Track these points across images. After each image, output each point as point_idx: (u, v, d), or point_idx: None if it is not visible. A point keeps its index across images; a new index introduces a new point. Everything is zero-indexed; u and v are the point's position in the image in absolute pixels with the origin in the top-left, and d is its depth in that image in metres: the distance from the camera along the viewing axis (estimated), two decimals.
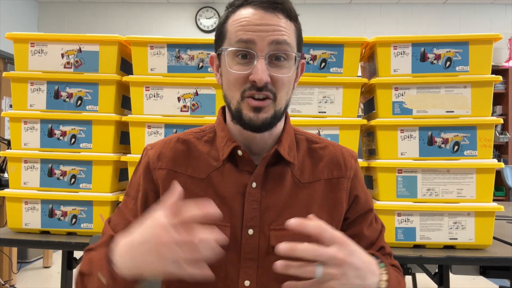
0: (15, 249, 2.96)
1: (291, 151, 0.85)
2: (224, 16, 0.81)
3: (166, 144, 0.86)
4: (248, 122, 0.77)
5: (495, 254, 1.34)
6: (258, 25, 0.75)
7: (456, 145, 1.41)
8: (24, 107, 1.51)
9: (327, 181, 0.85)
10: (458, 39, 1.41)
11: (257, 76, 0.73)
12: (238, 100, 0.77)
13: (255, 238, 0.79)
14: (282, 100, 0.78)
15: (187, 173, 0.83)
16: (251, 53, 0.75)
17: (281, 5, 0.77)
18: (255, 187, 0.81)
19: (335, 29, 4.91)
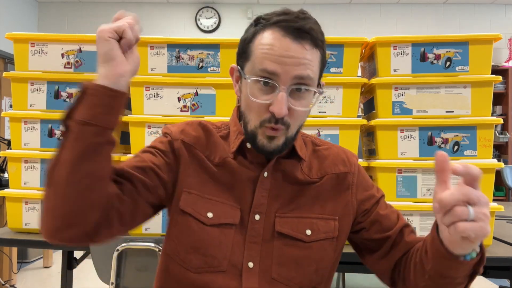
0: (15, 249, 2.96)
1: (302, 149, 0.89)
2: (252, 33, 0.81)
3: (188, 125, 0.90)
4: (261, 147, 0.80)
5: (495, 254, 1.34)
6: (284, 57, 0.75)
7: (456, 145, 1.41)
8: (24, 107, 1.51)
9: (334, 175, 0.89)
10: (458, 39, 1.41)
11: (278, 109, 0.75)
12: (256, 125, 0.80)
13: (260, 223, 0.83)
14: (294, 128, 0.81)
15: (205, 154, 0.86)
16: (274, 84, 0.76)
17: (309, 34, 0.77)
18: (267, 176, 0.85)
19: (335, 29, 4.91)
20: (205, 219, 0.82)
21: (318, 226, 0.84)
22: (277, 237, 0.83)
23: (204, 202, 0.83)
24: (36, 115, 1.50)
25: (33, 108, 1.51)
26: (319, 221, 0.85)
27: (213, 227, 0.82)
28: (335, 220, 0.86)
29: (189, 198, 0.84)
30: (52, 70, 1.51)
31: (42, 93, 1.51)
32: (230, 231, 0.82)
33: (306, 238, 0.83)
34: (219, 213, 0.82)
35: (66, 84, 1.50)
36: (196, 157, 0.86)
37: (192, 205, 0.83)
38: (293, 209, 0.85)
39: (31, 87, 1.51)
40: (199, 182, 0.85)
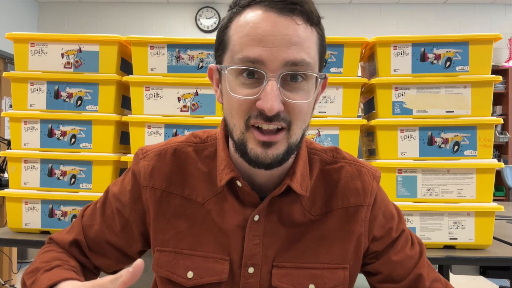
0: (15, 249, 2.95)
1: (304, 181, 0.70)
2: (227, 19, 0.64)
3: (161, 157, 0.73)
4: (254, 159, 0.62)
5: (495, 254, 1.34)
6: (269, 35, 0.58)
7: (456, 145, 1.41)
8: (24, 107, 1.51)
9: (342, 210, 0.72)
10: (458, 39, 1.41)
11: (267, 104, 0.57)
12: (242, 130, 0.62)
13: (255, 277, 0.69)
14: (298, 130, 0.63)
15: (184, 194, 0.71)
16: (259, 73, 0.59)
17: (299, 6, 0.60)
18: (258, 220, 0.69)
19: (335, 29, 4.91)
20: (184, 280, 0.68)
21: (323, 279, 0.69)
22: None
23: (182, 259, 0.69)
24: (36, 115, 1.49)
25: (33, 108, 1.51)
26: (325, 272, 0.69)
27: None
28: (345, 270, 0.70)
29: (163, 258, 0.70)
30: (52, 70, 1.50)
31: (42, 93, 1.50)
32: None
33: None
34: (201, 271, 0.68)
35: (66, 84, 1.50)
36: (172, 204, 0.71)
37: (166, 266, 0.69)
38: (293, 256, 0.69)
39: (31, 87, 1.51)
40: (175, 234, 0.70)
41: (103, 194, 0.80)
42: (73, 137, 1.49)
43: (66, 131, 1.49)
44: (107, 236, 0.76)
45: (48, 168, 1.49)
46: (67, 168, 1.49)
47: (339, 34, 1.45)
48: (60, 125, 1.49)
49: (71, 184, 1.48)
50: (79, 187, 1.48)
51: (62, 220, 1.48)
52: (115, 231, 0.75)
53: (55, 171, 1.49)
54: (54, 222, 1.48)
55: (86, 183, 1.48)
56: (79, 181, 1.48)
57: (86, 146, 1.49)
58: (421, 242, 0.79)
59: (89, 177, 1.48)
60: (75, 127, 1.49)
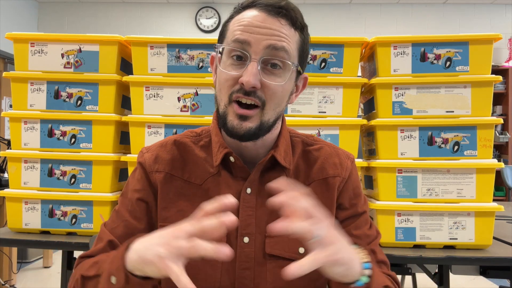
0: (15, 249, 2.96)
1: (287, 156, 0.82)
2: (229, 16, 0.79)
3: (162, 147, 0.84)
4: (230, 129, 0.74)
5: (495, 254, 1.34)
6: (257, 27, 0.72)
7: (456, 145, 1.41)
8: (24, 107, 1.51)
9: (321, 181, 0.82)
10: (458, 39, 1.41)
11: (245, 78, 0.70)
12: (226, 103, 0.74)
13: (251, 246, 0.76)
14: (271, 110, 0.74)
15: (184, 177, 0.81)
16: (245, 54, 0.72)
17: (285, 11, 0.74)
18: (250, 193, 0.78)
19: (335, 29, 4.91)
20: None
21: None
22: (269, 260, 0.76)
23: None
24: (36, 115, 1.49)
25: (33, 108, 1.51)
26: None
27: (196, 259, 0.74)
28: None
29: None
30: (52, 70, 1.50)
31: (42, 93, 1.51)
32: (216, 261, 0.74)
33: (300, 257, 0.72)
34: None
35: (66, 84, 1.50)
36: (174, 185, 0.80)
37: None
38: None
39: (31, 87, 1.51)
40: (177, 212, 0.78)
41: (120, 197, 0.86)
42: (73, 137, 1.49)
43: (66, 131, 1.49)
44: (137, 225, 0.80)
45: (48, 168, 1.49)
46: (67, 168, 1.49)
47: (339, 34, 1.46)
48: (60, 125, 1.50)
49: (71, 184, 1.48)
50: (79, 187, 1.48)
51: (62, 220, 1.48)
52: (141, 217, 0.81)
53: (55, 171, 1.49)
54: (54, 222, 1.48)
55: (86, 183, 1.48)
56: (79, 181, 1.48)
57: (86, 146, 1.49)
58: (378, 230, 0.87)
59: (89, 177, 1.48)
60: (75, 127, 1.49)
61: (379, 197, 1.43)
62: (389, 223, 1.40)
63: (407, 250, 1.39)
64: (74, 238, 1.45)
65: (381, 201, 1.42)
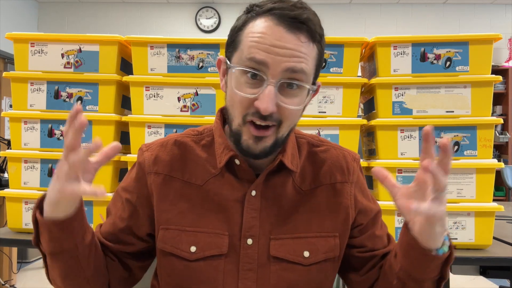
0: (15, 249, 2.96)
1: (294, 159, 0.80)
2: (242, 21, 0.73)
3: (162, 147, 0.82)
4: (246, 149, 0.72)
5: (495, 254, 1.34)
6: (275, 46, 0.67)
7: (456, 145, 1.41)
8: (24, 107, 1.51)
9: (329, 186, 0.81)
10: (458, 39, 1.41)
11: (263, 105, 0.67)
12: (240, 123, 0.72)
13: (254, 247, 0.76)
14: (286, 128, 0.73)
15: (184, 178, 0.79)
16: (261, 77, 0.68)
17: (306, 26, 0.69)
18: (255, 195, 0.77)
19: (335, 29, 4.91)
20: (188, 254, 0.75)
21: (317, 246, 0.77)
22: (273, 262, 0.76)
23: (185, 236, 0.76)
24: (36, 115, 1.49)
25: (33, 108, 1.51)
26: (318, 240, 0.78)
27: (199, 262, 0.75)
28: (335, 237, 0.79)
29: (167, 235, 0.77)
30: (52, 70, 1.50)
31: (42, 93, 1.50)
32: (219, 263, 0.75)
33: (305, 261, 0.76)
34: (203, 245, 0.75)
35: (66, 84, 1.50)
36: (173, 187, 0.79)
37: (171, 242, 0.76)
38: (289, 228, 0.77)
39: (31, 87, 1.51)
40: (178, 214, 0.77)
41: (114, 193, 0.87)
42: None
43: None
44: (118, 224, 0.81)
45: (48, 168, 1.49)
46: None
47: (339, 34, 1.45)
48: (60, 125, 1.49)
49: None
50: None
51: None
52: (124, 218, 0.81)
53: None
54: None
55: None
56: None
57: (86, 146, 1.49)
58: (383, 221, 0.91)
59: None
60: None
61: (379, 197, 1.43)
62: (389, 223, 1.40)
63: None
64: None
65: (381, 201, 1.42)
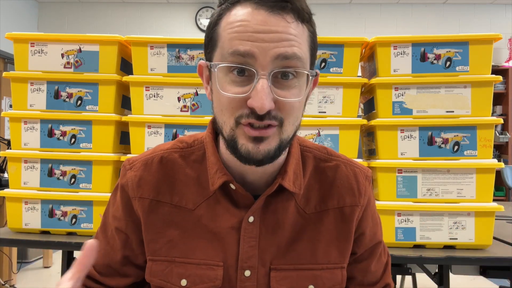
0: (15, 249, 2.95)
1: (297, 179, 0.70)
2: (216, 16, 0.62)
3: (147, 166, 0.72)
4: (245, 155, 0.60)
5: (495, 254, 1.34)
6: (259, 32, 0.57)
7: (456, 145, 1.41)
8: (24, 107, 1.51)
9: (337, 210, 0.71)
10: (458, 39, 1.41)
11: (257, 102, 0.56)
12: (232, 126, 0.60)
13: (252, 280, 0.68)
14: (290, 126, 0.62)
15: (173, 202, 0.70)
16: (249, 70, 0.58)
17: (290, 4, 0.58)
18: (253, 221, 0.68)
19: (335, 29, 4.91)
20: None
21: (322, 280, 0.69)
22: None
23: (175, 268, 0.68)
24: (36, 115, 1.49)
25: (33, 108, 1.51)
26: (324, 272, 0.69)
27: None
28: (343, 269, 0.71)
29: (155, 267, 0.69)
30: (52, 70, 1.50)
31: (42, 93, 1.50)
32: None
33: None
34: (194, 279, 0.67)
35: (66, 84, 1.50)
36: (161, 212, 0.69)
37: (159, 275, 0.69)
38: (291, 258, 0.69)
39: (31, 87, 1.51)
40: (167, 243, 0.69)
41: (102, 218, 0.79)
42: (73, 137, 1.49)
43: (66, 131, 1.49)
44: (113, 256, 0.74)
45: (48, 168, 1.49)
46: (67, 168, 1.49)
47: (339, 34, 1.45)
48: (60, 125, 1.49)
49: (71, 184, 1.48)
50: (79, 187, 1.48)
51: (62, 220, 1.48)
52: (118, 248, 0.74)
53: (55, 171, 1.49)
54: (54, 222, 1.48)
55: (86, 183, 1.48)
56: (79, 181, 1.48)
57: (86, 146, 1.49)
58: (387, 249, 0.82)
59: (89, 177, 1.48)
60: (75, 127, 1.49)
61: (379, 197, 1.43)
62: (389, 223, 1.40)
63: (407, 250, 1.39)
64: (74, 238, 1.45)
65: (381, 201, 1.42)
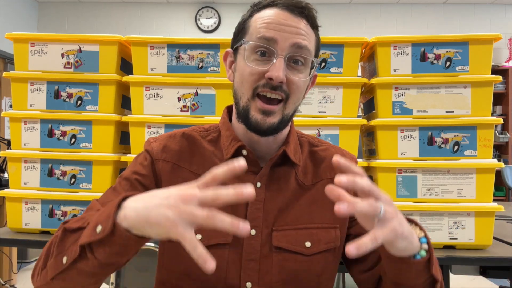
0: (15, 249, 2.96)
1: (297, 153, 0.85)
2: (248, 14, 0.82)
3: (171, 138, 0.85)
4: (254, 124, 0.76)
5: (495, 254, 1.34)
6: (282, 25, 0.75)
7: (456, 145, 1.41)
8: (24, 107, 1.51)
9: (330, 180, 0.84)
10: (458, 39, 1.41)
11: (275, 73, 0.73)
12: (249, 97, 0.76)
13: (257, 238, 0.78)
14: (292, 104, 0.78)
15: (192, 169, 0.81)
16: (271, 50, 0.75)
17: (306, 11, 0.78)
18: (260, 187, 0.80)
19: (335, 29, 4.91)
20: None
21: (318, 237, 0.80)
22: (275, 252, 0.78)
23: None
24: (36, 115, 1.49)
25: (33, 108, 1.51)
26: (319, 231, 0.80)
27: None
28: (336, 229, 0.82)
29: None
30: (52, 70, 1.50)
31: (42, 93, 1.50)
32: (223, 252, 0.76)
33: (306, 251, 0.78)
34: (208, 234, 0.75)
35: (66, 84, 1.50)
36: (181, 175, 0.80)
37: None
38: (291, 220, 0.80)
39: (31, 87, 1.51)
40: None
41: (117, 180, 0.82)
42: (73, 137, 1.49)
43: (66, 131, 1.49)
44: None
45: (48, 168, 1.49)
46: (67, 168, 1.49)
47: (339, 34, 1.45)
48: (60, 125, 1.50)
49: (71, 184, 1.48)
50: (79, 187, 1.48)
51: (62, 220, 1.48)
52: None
53: (55, 171, 1.49)
54: (54, 222, 1.48)
55: (86, 183, 1.48)
56: (79, 181, 1.48)
57: (86, 146, 1.49)
58: None
59: (89, 177, 1.48)
60: (75, 127, 1.49)
61: None
62: None
63: None
64: None
65: None
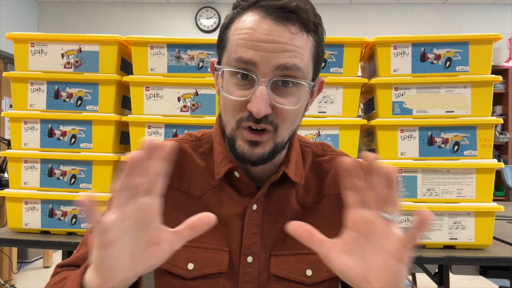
0: (15, 249, 2.96)
1: (298, 170, 0.75)
2: (228, 19, 0.69)
3: None
4: (241, 156, 0.66)
5: (495, 254, 1.34)
6: (262, 42, 0.61)
7: (456, 145, 1.41)
8: (24, 107, 1.51)
9: (333, 196, 0.75)
10: (458, 39, 1.41)
11: (255, 107, 0.61)
12: (233, 127, 0.66)
13: (254, 266, 0.71)
14: (285, 131, 0.66)
15: (182, 188, 0.74)
16: (251, 76, 0.62)
17: (296, 15, 0.62)
18: (256, 209, 0.72)
19: (335, 29, 4.91)
20: (185, 272, 0.69)
21: (320, 264, 0.70)
22: (274, 281, 0.71)
23: (182, 251, 0.67)
24: (36, 115, 1.49)
25: (33, 108, 1.51)
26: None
27: (197, 280, 0.70)
28: None
29: None
30: (52, 70, 1.50)
31: (42, 93, 1.50)
32: (218, 281, 0.70)
33: (307, 280, 0.72)
34: (201, 262, 0.70)
35: (66, 84, 1.50)
36: (171, 197, 0.72)
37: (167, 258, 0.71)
38: (290, 244, 0.71)
39: (31, 87, 1.51)
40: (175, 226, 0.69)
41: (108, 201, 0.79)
42: (73, 137, 1.49)
43: (66, 131, 1.49)
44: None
45: (48, 168, 1.49)
46: (67, 168, 1.49)
47: (339, 34, 1.45)
48: (60, 125, 1.50)
49: (71, 184, 1.48)
50: (79, 187, 1.48)
51: (62, 220, 1.48)
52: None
53: (55, 171, 1.49)
54: (54, 222, 1.48)
55: (86, 183, 1.48)
56: (79, 181, 1.48)
57: (86, 146, 1.49)
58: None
59: (89, 177, 1.48)
60: (75, 127, 1.49)
61: None
62: None
63: None
64: (74, 238, 1.45)
65: None
